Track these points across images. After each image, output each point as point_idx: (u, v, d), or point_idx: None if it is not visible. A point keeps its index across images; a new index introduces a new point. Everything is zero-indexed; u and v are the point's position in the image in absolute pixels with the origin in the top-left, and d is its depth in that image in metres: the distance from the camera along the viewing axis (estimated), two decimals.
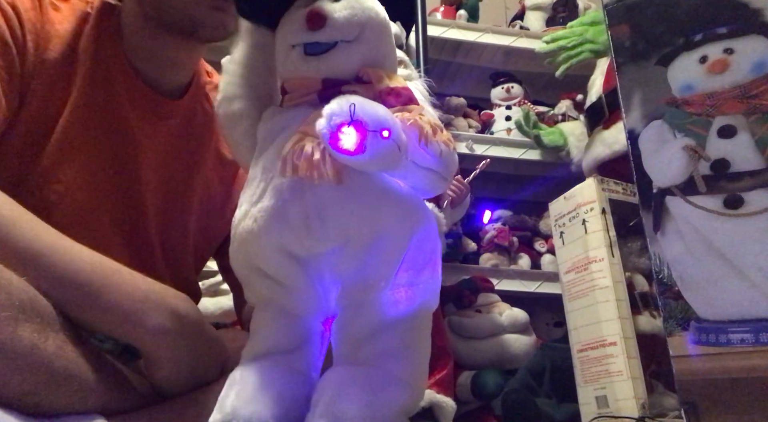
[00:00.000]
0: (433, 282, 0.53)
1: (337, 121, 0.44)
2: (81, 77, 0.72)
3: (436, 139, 0.48)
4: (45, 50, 0.69)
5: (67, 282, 0.56)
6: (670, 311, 0.62)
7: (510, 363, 1.31)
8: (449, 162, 0.51)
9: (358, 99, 0.45)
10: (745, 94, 0.62)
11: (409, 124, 0.47)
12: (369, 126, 0.44)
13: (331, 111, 0.44)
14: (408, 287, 0.50)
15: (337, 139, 0.44)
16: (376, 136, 0.44)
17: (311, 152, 0.47)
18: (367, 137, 0.43)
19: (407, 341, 0.50)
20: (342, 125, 0.44)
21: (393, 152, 0.45)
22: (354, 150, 0.44)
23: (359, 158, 0.45)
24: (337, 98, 0.46)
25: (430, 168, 0.50)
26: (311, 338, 0.53)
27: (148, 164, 0.78)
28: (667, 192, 0.64)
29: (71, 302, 0.56)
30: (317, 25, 0.51)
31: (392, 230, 0.49)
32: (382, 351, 0.49)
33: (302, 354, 0.52)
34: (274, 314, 0.53)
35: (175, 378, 0.61)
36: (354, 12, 0.52)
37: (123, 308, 0.57)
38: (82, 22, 0.73)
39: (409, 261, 0.50)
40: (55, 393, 0.53)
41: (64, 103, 0.71)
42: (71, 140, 0.71)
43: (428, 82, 0.71)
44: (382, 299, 0.50)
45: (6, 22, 0.65)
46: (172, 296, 0.61)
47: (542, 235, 1.80)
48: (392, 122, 0.45)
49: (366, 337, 0.49)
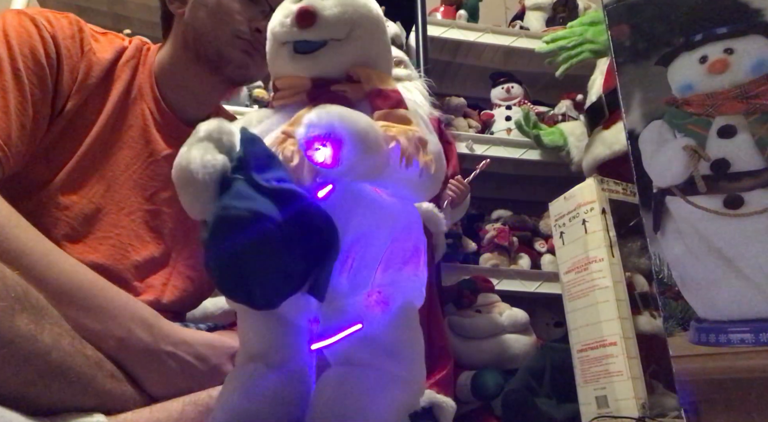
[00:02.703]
0: (417, 279, 0.52)
1: (313, 133, 0.43)
2: (114, 99, 0.80)
3: (419, 158, 0.48)
4: (85, 75, 0.77)
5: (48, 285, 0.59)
6: (670, 311, 0.62)
7: (510, 363, 1.31)
8: (431, 177, 0.50)
9: (339, 110, 0.44)
10: (745, 95, 0.62)
11: (392, 143, 0.46)
12: (345, 141, 0.43)
13: (309, 121, 0.44)
14: (387, 288, 0.50)
15: (313, 151, 0.43)
16: (352, 151, 0.43)
17: (291, 155, 0.46)
18: (341, 152, 0.43)
19: (398, 339, 0.50)
20: (317, 139, 0.43)
21: (370, 166, 0.45)
22: (329, 164, 0.43)
23: (334, 170, 0.44)
24: (317, 108, 0.45)
25: (411, 181, 0.49)
26: (299, 336, 0.53)
27: (168, 178, 0.80)
28: (667, 192, 0.64)
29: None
30: (307, 23, 0.50)
31: (368, 237, 0.48)
32: (374, 351, 0.48)
33: (292, 352, 0.52)
34: (258, 317, 0.52)
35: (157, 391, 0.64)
36: (345, 9, 0.51)
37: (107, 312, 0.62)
38: (119, 54, 0.83)
39: (387, 262, 0.50)
40: (51, 386, 0.53)
41: (96, 120, 0.78)
42: (95, 153, 0.77)
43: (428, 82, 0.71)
44: (362, 302, 0.49)
45: (44, 47, 0.73)
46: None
47: (542, 235, 1.80)
48: (372, 137, 0.44)
49: (357, 339, 0.49)
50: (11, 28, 0.71)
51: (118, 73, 0.82)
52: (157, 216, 0.80)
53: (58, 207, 0.73)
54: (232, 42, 0.80)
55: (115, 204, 0.77)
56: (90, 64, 0.78)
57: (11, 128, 0.67)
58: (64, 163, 0.75)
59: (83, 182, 0.76)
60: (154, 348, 0.64)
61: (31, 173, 0.73)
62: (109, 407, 0.58)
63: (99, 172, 0.77)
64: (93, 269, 0.66)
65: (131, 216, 0.78)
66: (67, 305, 0.59)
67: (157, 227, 0.80)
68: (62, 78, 0.75)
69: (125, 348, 0.62)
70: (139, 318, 0.64)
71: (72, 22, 0.78)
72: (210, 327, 0.80)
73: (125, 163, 0.79)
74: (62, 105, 0.75)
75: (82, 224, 0.74)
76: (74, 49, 0.77)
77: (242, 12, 0.79)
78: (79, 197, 0.75)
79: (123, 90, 0.81)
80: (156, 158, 0.81)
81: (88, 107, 0.78)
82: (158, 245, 0.80)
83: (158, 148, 0.81)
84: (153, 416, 0.60)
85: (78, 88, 0.76)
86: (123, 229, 0.77)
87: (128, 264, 0.76)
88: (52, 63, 0.73)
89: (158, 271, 0.79)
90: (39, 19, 0.74)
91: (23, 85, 0.69)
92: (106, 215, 0.76)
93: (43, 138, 0.74)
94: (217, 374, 0.66)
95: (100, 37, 0.82)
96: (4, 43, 0.70)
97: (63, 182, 0.75)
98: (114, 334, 0.62)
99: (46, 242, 0.64)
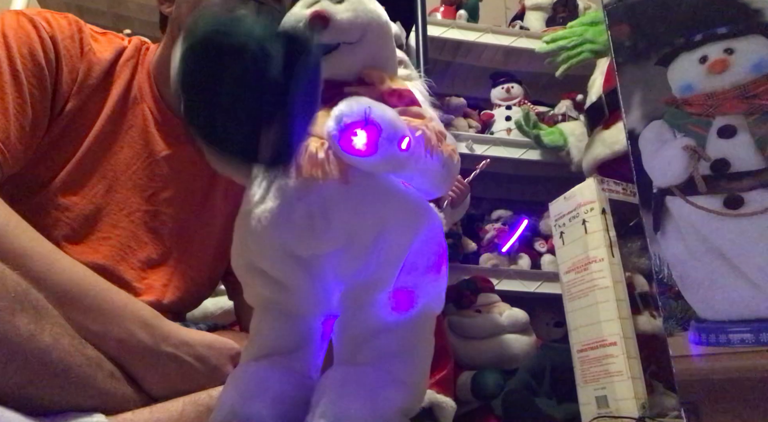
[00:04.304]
0: (437, 285, 0.53)
1: (348, 121, 0.44)
2: (113, 99, 0.80)
3: (441, 149, 0.49)
4: (85, 75, 0.77)
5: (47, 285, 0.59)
6: (670, 311, 0.62)
7: (510, 363, 1.31)
8: (452, 168, 0.52)
9: (370, 101, 0.45)
10: (745, 94, 0.62)
11: (418, 132, 0.48)
12: (381, 128, 0.44)
13: (341, 112, 0.44)
14: (410, 289, 0.50)
15: (348, 140, 0.44)
16: (388, 138, 0.44)
17: (315, 152, 0.47)
18: (378, 139, 0.44)
19: (409, 343, 0.50)
20: (354, 126, 0.44)
21: (402, 154, 0.45)
22: (365, 151, 0.44)
23: (369, 160, 0.45)
24: (346, 100, 0.45)
25: (434, 172, 0.50)
26: (312, 338, 0.53)
27: (168, 178, 0.82)
28: (667, 192, 0.64)
29: None
30: (320, 26, 0.51)
31: (396, 230, 0.49)
32: (382, 352, 0.49)
33: (302, 354, 0.52)
34: (275, 315, 0.53)
35: (158, 391, 0.64)
36: (357, 14, 0.52)
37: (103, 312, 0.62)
38: (119, 54, 0.82)
39: (412, 263, 0.50)
40: (51, 386, 0.53)
41: (96, 120, 0.78)
42: (95, 153, 0.77)
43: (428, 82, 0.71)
44: (384, 301, 0.50)
45: (43, 48, 0.73)
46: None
47: (542, 235, 1.80)
48: (403, 126, 0.46)
49: (367, 338, 0.49)
50: (10, 29, 0.71)
51: (117, 73, 0.81)
52: (156, 217, 0.80)
53: (58, 208, 0.73)
54: None
55: (115, 205, 0.77)
56: (90, 64, 0.78)
57: (10, 128, 0.67)
58: (64, 164, 0.75)
59: (83, 183, 0.76)
60: (154, 349, 0.64)
61: (30, 174, 0.73)
62: (109, 407, 0.58)
63: (99, 172, 0.77)
64: (93, 270, 0.66)
65: (131, 217, 0.78)
66: (68, 306, 0.59)
67: (156, 228, 0.80)
68: (61, 79, 0.74)
69: (125, 349, 0.62)
70: (140, 319, 0.64)
71: (71, 22, 0.78)
72: (210, 326, 0.80)
73: (125, 163, 0.79)
74: (62, 106, 0.75)
75: (82, 225, 0.74)
76: (74, 49, 0.76)
77: (222, 4, 0.79)
78: (79, 197, 0.75)
79: (123, 90, 0.81)
80: (155, 158, 0.81)
81: (87, 107, 0.77)
82: (158, 246, 0.80)
83: (158, 148, 0.81)
84: (153, 416, 0.60)
85: (78, 89, 0.76)
86: (123, 230, 0.77)
87: (128, 265, 0.76)
88: (51, 64, 0.73)
89: (158, 272, 0.79)
90: (38, 20, 0.74)
91: (22, 86, 0.69)
92: (106, 216, 0.76)
93: (42, 139, 0.73)
94: (218, 375, 0.66)
95: (99, 37, 0.82)
96: (3, 44, 0.70)
97: (63, 182, 0.74)
98: (114, 335, 0.62)
99: (46, 243, 0.63)
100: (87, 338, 0.60)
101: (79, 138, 0.76)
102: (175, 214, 0.82)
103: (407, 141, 0.45)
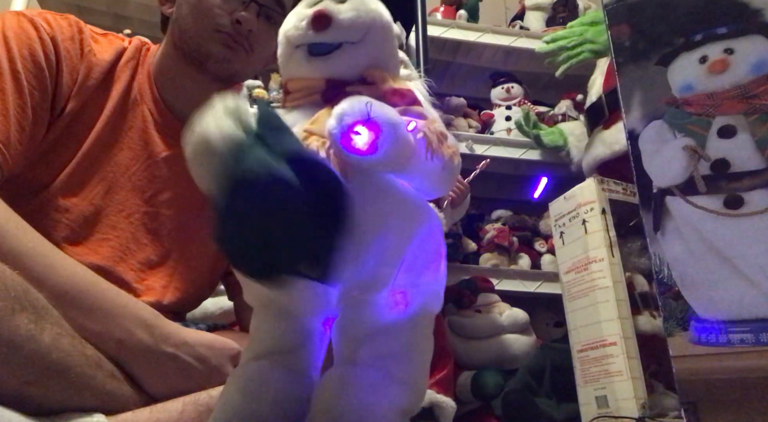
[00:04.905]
0: (436, 285, 0.53)
1: (350, 120, 0.44)
2: (113, 100, 0.80)
3: (442, 150, 0.49)
4: (85, 76, 0.77)
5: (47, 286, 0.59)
6: (670, 311, 0.62)
7: (510, 363, 1.31)
8: (453, 169, 0.52)
9: (370, 99, 0.45)
10: (745, 95, 0.62)
11: (419, 133, 0.48)
12: (383, 127, 0.44)
13: (342, 111, 0.44)
14: (409, 289, 0.50)
15: (349, 139, 0.44)
16: (389, 137, 0.44)
17: (316, 150, 0.47)
18: (379, 138, 0.44)
19: (408, 343, 0.50)
20: (355, 125, 0.44)
21: (403, 154, 0.45)
22: (366, 150, 0.44)
23: (370, 159, 0.45)
24: (347, 99, 0.45)
25: (435, 173, 0.50)
26: (311, 338, 0.53)
27: (167, 180, 0.82)
28: (667, 192, 0.64)
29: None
30: (323, 26, 0.51)
31: (395, 229, 0.49)
32: (382, 351, 0.49)
33: (302, 354, 0.52)
34: (275, 315, 0.53)
35: (158, 390, 0.64)
36: (359, 14, 0.52)
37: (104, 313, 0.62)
38: (119, 55, 0.83)
39: (410, 263, 0.50)
40: (51, 385, 0.53)
41: (96, 121, 0.78)
42: (95, 154, 0.77)
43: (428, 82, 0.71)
44: (382, 301, 0.50)
45: (43, 49, 0.73)
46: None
47: (542, 235, 1.80)
48: (404, 125, 0.46)
49: (366, 338, 0.49)
50: (10, 30, 0.71)
51: (118, 74, 0.81)
52: (156, 218, 0.80)
53: (58, 209, 0.73)
54: (212, 36, 0.79)
55: (115, 206, 0.77)
56: (90, 65, 0.78)
57: (10, 129, 0.67)
58: (64, 165, 0.75)
59: (83, 184, 0.76)
60: (154, 350, 0.64)
61: (30, 175, 0.73)
62: (109, 407, 0.58)
63: (99, 174, 0.77)
64: (93, 271, 0.66)
65: (130, 218, 0.78)
66: (68, 307, 0.59)
67: (156, 229, 0.80)
68: (62, 80, 0.74)
69: (125, 349, 0.62)
70: (140, 319, 0.64)
71: (72, 23, 0.78)
72: (210, 326, 0.80)
73: (125, 164, 0.79)
74: (62, 107, 0.75)
75: (82, 226, 0.74)
76: (74, 50, 0.76)
77: (222, 5, 0.78)
78: (79, 199, 0.75)
79: (123, 91, 0.81)
80: (155, 159, 0.81)
81: (88, 108, 0.77)
82: (157, 247, 0.80)
83: (157, 149, 0.81)
84: (153, 416, 0.60)
85: (78, 90, 0.76)
86: (122, 231, 0.77)
87: (128, 266, 0.76)
88: (52, 65, 0.73)
89: (158, 273, 0.79)
90: (38, 21, 0.74)
91: (22, 87, 0.69)
92: (106, 217, 0.76)
93: (42, 140, 0.73)
94: (218, 375, 0.66)
95: (100, 38, 0.82)
96: (3, 45, 0.70)
97: (63, 184, 0.74)
98: (114, 335, 0.62)
99: (46, 243, 0.63)
100: (87, 338, 0.60)
101: (79, 139, 0.76)
102: (175, 215, 0.82)
103: (408, 141, 0.45)
